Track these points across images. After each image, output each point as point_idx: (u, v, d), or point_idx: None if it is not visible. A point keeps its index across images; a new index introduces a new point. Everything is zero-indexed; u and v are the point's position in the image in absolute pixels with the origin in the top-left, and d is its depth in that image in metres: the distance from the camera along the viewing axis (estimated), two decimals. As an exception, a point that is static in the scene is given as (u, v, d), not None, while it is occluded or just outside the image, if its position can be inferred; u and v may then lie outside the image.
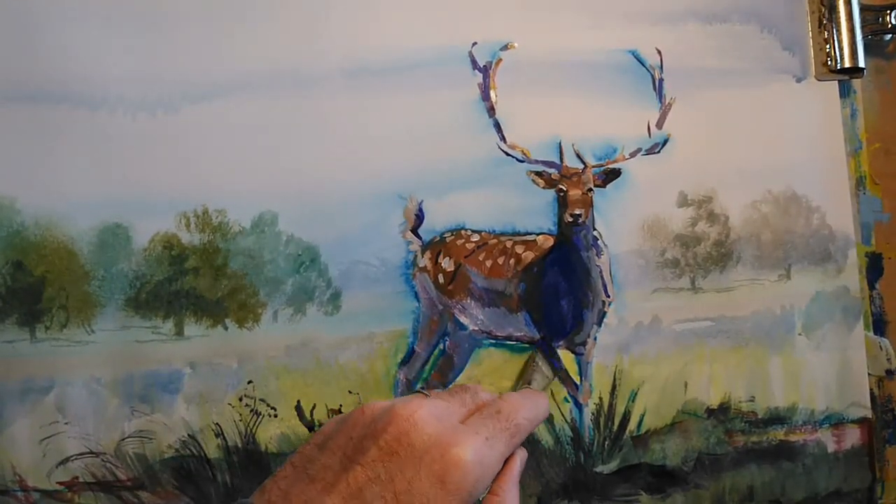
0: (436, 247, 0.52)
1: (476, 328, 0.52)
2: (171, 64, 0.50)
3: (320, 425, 0.50)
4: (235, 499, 0.48)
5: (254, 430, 0.49)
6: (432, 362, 0.51)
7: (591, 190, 0.53)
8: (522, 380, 0.51)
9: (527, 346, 0.52)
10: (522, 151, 0.53)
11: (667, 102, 0.55)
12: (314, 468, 0.34)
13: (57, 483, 0.48)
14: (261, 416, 0.49)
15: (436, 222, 0.52)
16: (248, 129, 0.50)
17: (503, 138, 0.53)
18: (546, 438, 0.52)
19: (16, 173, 0.48)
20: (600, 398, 0.53)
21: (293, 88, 0.51)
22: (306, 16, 0.51)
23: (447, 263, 0.52)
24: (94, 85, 0.49)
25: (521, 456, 0.39)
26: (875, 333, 0.57)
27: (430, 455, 0.33)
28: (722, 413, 0.54)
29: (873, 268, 0.57)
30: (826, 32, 0.56)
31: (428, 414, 0.35)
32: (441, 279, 0.52)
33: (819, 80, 0.57)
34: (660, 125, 0.55)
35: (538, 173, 0.53)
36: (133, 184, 0.49)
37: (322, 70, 0.51)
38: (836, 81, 0.57)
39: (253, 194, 0.50)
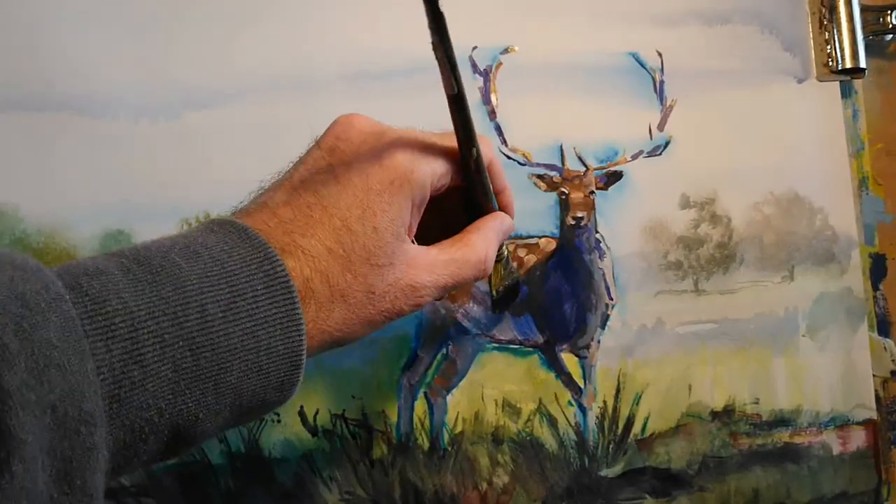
0: (438, 251, 0.52)
1: (479, 332, 0.52)
2: (172, 71, 0.50)
3: (324, 430, 0.50)
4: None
5: (257, 436, 0.49)
6: (435, 366, 0.51)
7: (592, 193, 0.53)
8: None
9: (530, 349, 0.52)
10: (524, 154, 0.53)
11: (668, 104, 0.55)
12: (270, 184, 0.36)
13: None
14: (264, 422, 0.49)
15: (438, 226, 0.52)
16: (250, 136, 0.50)
17: (504, 142, 0.53)
18: (550, 442, 0.52)
19: (18, 181, 0.48)
20: (604, 401, 0.53)
21: (295, 93, 0.51)
22: (307, 21, 0.52)
23: (449, 267, 0.52)
24: (96, 91, 0.49)
25: (502, 217, 0.39)
26: (879, 334, 0.57)
27: (367, 142, 0.34)
28: (726, 415, 0.54)
29: (877, 269, 0.57)
30: (827, 33, 0.56)
31: (368, 117, 0.36)
32: (443, 283, 0.52)
33: (820, 80, 0.57)
34: (661, 127, 0.55)
35: (540, 176, 0.53)
36: (135, 190, 0.49)
37: (324, 75, 0.51)
38: (838, 82, 0.57)
39: (255, 200, 0.50)
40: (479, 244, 0.37)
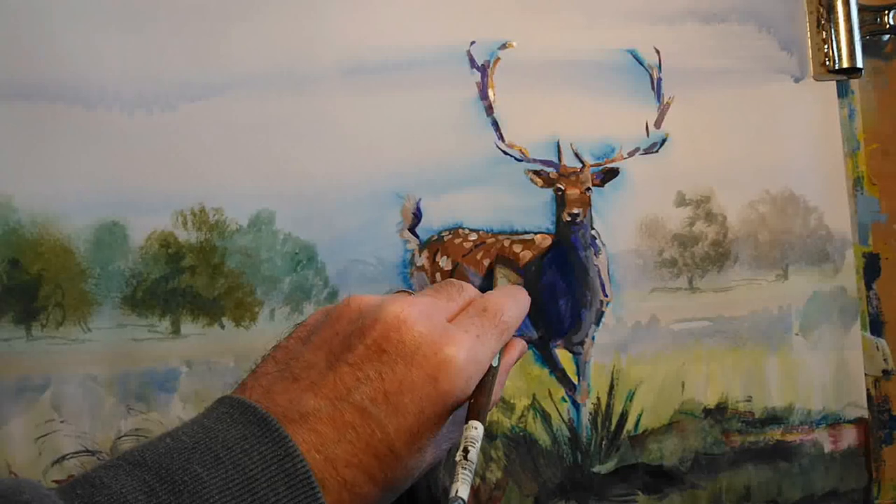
0: (433, 246, 0.52)
1: (473, 327, 0.52)
2: (168, 62, 0.50)
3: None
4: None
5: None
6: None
7: (589, 189, 0.53)
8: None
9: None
10: (520, 150, 0.53)
11: (665, 102, 0.55)
12: (298, 365, 0.33)
13: (52, 482, 0.48)
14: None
15: (433, 221, 0.52)
16: (246, 128, 0.50)
17: (501, 137, 0.53)
18: (543, 438, 0.52)
19: (12, 171, 0.48)
20: (598, 398, 0.53)
21: (291, 87, 0.51)
22: (304, 14, 0.51)
23: (445, 262, 0.52)
24: (91, 82, 0.49)
25: (520, 347, 0.39)
26: (872, 334, 0.57)
27: (421, 353, 0.32)
28: (719, 413, 0.54)
29: (870, 268, 0.57)
30: (824, 32, 0.56)
31: (418, 312, 0.33)
32: (438, 278, 0.52)
33: (817, 80, 0.57)
34: (658, 125, 0.55)
35: (536, 172, 0.53)
36: (130, 182, 0.49)
37: (320, 68, 0.51)
38: (834, 82, 0.57)
39: (250, 192, 0.50)
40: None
